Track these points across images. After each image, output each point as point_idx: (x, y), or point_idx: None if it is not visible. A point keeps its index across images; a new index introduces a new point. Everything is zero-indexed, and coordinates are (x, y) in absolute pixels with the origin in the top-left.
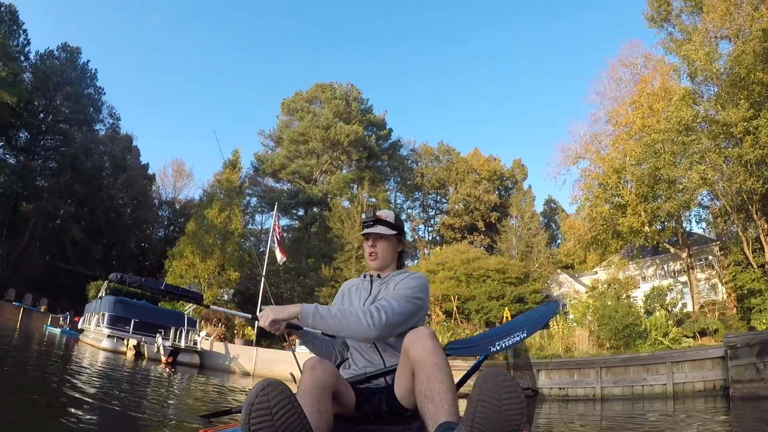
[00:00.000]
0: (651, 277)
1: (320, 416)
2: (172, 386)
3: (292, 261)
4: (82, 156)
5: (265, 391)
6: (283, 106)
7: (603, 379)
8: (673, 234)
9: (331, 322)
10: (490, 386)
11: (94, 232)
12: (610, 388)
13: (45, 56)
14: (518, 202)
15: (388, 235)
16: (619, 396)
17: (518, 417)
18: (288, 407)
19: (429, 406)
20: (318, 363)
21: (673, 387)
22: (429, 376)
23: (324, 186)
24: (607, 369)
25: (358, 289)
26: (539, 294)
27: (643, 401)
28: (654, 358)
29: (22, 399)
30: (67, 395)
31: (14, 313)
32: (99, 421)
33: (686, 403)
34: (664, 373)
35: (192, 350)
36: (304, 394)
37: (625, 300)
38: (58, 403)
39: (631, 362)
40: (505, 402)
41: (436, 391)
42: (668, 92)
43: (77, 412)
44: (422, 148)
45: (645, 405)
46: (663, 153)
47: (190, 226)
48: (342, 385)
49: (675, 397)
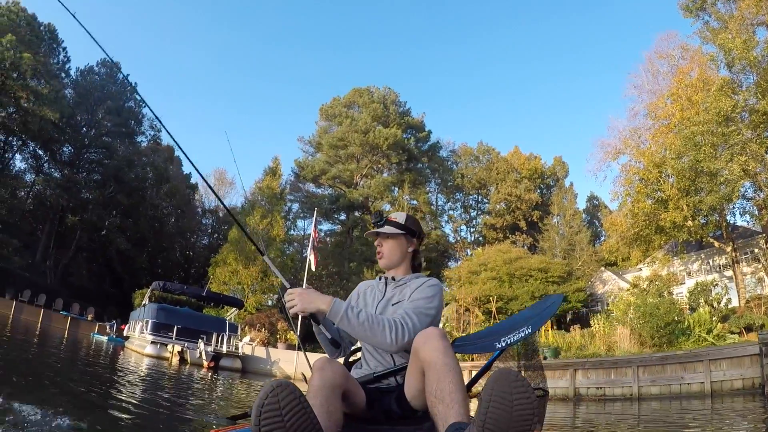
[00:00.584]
0: (696, 272)
1: (329, 416)
2: (214, 389)
3: (334, 265)
4: (125, 168)
5: (274, 392)
6: (321, 112)
7: (640, 378)
8: (717, 228)
9: (358, 329)
10: (501, 386)
11: (138, 241)
12: (648, 387)
13: (85, 72)
14: (560, 200)
15: (395, 234)
16: (656, 395)
17: (529, 417)
18: (298, 408)
19: (439, 406)
20: (327, 363)
21: (711, 385)
22: (439, 376)
23: (365, 190)
24: (644, 368)
25: (372, 290)
26: (583, 292)
27: (680, 400)
28: (691, 356)
29: (72, 401)
30: (112, 396)
31: (62, 322)
32: (139, 421)
33: (724, 402)
34: (702, 371)
35: (234, 355)
36: (314, 394)
37: (667, 297)
38: (106, 405)
39: (668, 360)
40: (516, 402)
41: (447, 391)
42: (707, 83)
43: (118, 412)
44: (462, 149)
45: (683, 404)
46: (703, 145)
47: (232, 234)
48: (352, 385)
49: (713, 395)
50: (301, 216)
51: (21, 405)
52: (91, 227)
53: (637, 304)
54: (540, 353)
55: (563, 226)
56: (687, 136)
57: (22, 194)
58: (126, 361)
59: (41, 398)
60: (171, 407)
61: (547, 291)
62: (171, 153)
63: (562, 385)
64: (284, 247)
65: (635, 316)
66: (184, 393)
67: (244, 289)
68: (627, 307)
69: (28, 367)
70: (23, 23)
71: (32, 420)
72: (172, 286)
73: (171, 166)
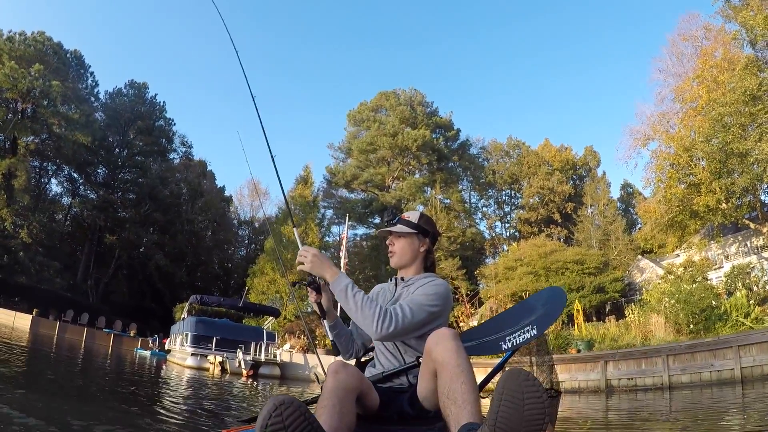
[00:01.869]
0: (734, 255)
1: (341, 418)
2: (254, 396)
3: (371, 269)
4: (159, 185)
5: (278, 411)
6: (349, 118)
7: (670, 366)
8: (752, 209)
9: (351, 307)
10: (512, 386)
11: (177, 256)
12: (678, 375)
13: (114, 95)
14: (593, 190)
15: (406, 233)
16: (687, 383)
17: (540, 417)
18: (304, 424)
19: (452, 407)
20: (341, 367)
21: (741, 371)
22: (452, 376)
23: (397, 192)
24: (673, 356)
25: (384, 292)
26: (620, 282)
27: (711, 387)
28: (720, 342)
29: (121, 411)
30: (151, 404)
31: (105, 340)
32: (179, 427)
33: (755, 387)
34: (732, 358)
35: (272, 362)
36: (327, 396)
37: (701, 282)
38: (146, 412)
39: (698, 348)
40: (527, 402)
41: (459, 392)
42: (731, 62)
43: (159, 422)
44: (492, 145)
45: (714, 391)
46: (731, 126)
47: (268, 244)
48: (366, 387)
49: (744, 381)
50: (336, 222)
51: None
52: (129, 245)
53: (671, 292)
54: (574, 347)
55: (597, 216)
56: (714, 117)
57: (60, 217)
58: (168, 372)
59: (93, 411)
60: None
61: (584, 283)
62: (203, 168)
63: (594, 378)
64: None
65: (669, 304)
66: (224, 400)
67: (282, 297)
68: (661, 296)
69: (75, 380)
70: (50, 51)
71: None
72: (209, 299)
73: (204, 181)
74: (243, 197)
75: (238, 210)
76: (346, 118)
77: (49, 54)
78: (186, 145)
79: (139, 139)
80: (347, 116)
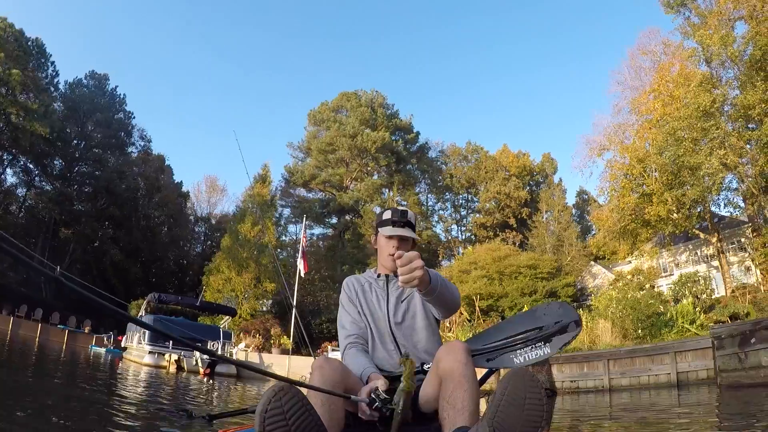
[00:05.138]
0: (684, 263)
1: (330, 415)
2: (210, 393)
3: (327, 269)
4: (117, 179)
5: (277, 397)
6: (309, 117)
7: (611, 370)
8: (702, 219)
9: (446, 288)
10: (515, 385)
11: (132, 252)
12: (618, 379)
13: (74, 85)
14: (548, 196)
15: (411, 238)
16: (626, 386)
17: (539, 417)
18: (302, 411)
19: (450, 411)
20: (325, 362)
21: (677, 376)
22: (455, 384)
23: (355, 193)
24: (614, 361)
25: (372, 288)
26: (572, 287)
27: (649, 390)
28: (658, 348)
29: (73, 409)
30: (112, 401)
31: (60, 336)
32: (132, 418)
33: (690, 391)
34: (668, 363)
35: None
36: (314, 393)
37: (648, 290)
38: (103, 414)
39: (637, 353)
40: (528, 402)
41: (460, 399)
42: (687, 78)
43: (115, 413)
44: (450, 149)
45: (651, 394)
46: (684, 140)
47: (224, 242)
48: (353, 382)
49: (679, 385)
50: (293, 221)
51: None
52: (84, 240)
53: (618, 298)
54: None
55: (552, 222)
56: (668, 131)
57: (14, 208)
58: (125, 370)
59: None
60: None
61: (536, 287)
62: (161, 162)
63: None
64: (277, 252)
65: (617, 310)
66: (181, 397)
67: (237, 296)
68: (609, 302)
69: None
70: (11, 39)
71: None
72: (167, 297)
73: (162, 175)
74: (200, 193)
75: (195, 206)
76: (307, 117)
77: (10, 41)
78: (145, 139)
79: (97, 132)
80: (308, 115)
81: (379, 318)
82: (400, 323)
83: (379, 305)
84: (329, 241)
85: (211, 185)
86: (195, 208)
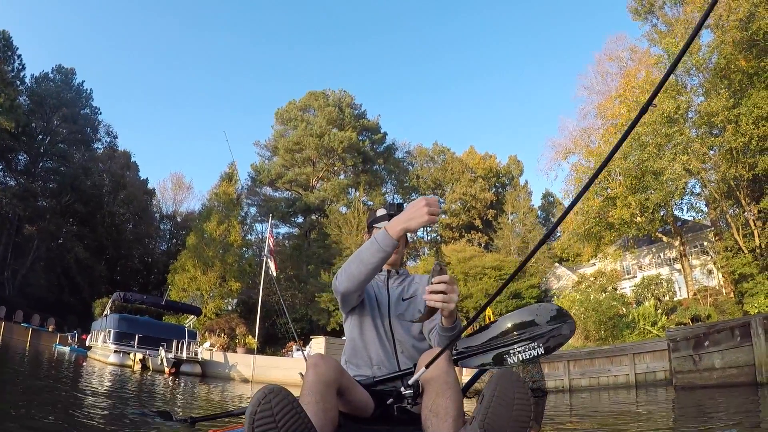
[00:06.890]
0: (648, 266)
1: (325, 414)
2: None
3: (292, 269)
4: (82, 175)
5: (267, 398)
6: (277, 116)
7: (571, 371)
8: (665, 223)
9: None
10: (504, 385)
11: (97, 249)
12: (578, 379)
13: (40, 79)
14: (514, 198)
15: None
16: (586, 387)
17: (527, 416)
18: (291, 412)
19: (433, 419)
20: (321, 359)
21: (635, 377)
22: (437, 392)
23: (321, 193)
24: (574, 362)
25: (375, 282)
26: (536, 288)
27: (608, 391)
28: (617, 350)
29: (38, 409)
30: (77, 401)
31: (23, 334)
32: (101, 421)
33: (648, 392)
34: (627, 364)
35: (194, 360)
36: (308, 390)
37: (611, 292)
38: (67, 415)
39: (596, 355)
40: (516, 402)
41: (443, 407)
42: (653, 84)
43: (83, 414)
44: (417, 150)
45: (611, 394)
46: (648, 145)
47: (190, 240)
48: (347, 381)
49: (637, 386)
50: (259, 220)
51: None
52: (48, 236)
53: (581, 300)
54: None
55: (518, 223)
56: (633, 136)
57: None
58: (90, 369)
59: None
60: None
61: None
62: (127, 159)
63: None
64: (242, 251)
65: (579, 312)
66: (147, 397)
67: (203, 294)
68: (571, 304)
69: None
70: None
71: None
72: (132, 296)
73: (128, 172)
74: (166, 191)
75: (161, 203)
76: (274, 115)
77: None
78: (111, 135)
79: (63, 127)
80: (275, 114)
81: (377, 311)
82: (401, 314)
83: (378, 300)
84: (295, 240)
85: (177, 182)
86: (161, 206)
